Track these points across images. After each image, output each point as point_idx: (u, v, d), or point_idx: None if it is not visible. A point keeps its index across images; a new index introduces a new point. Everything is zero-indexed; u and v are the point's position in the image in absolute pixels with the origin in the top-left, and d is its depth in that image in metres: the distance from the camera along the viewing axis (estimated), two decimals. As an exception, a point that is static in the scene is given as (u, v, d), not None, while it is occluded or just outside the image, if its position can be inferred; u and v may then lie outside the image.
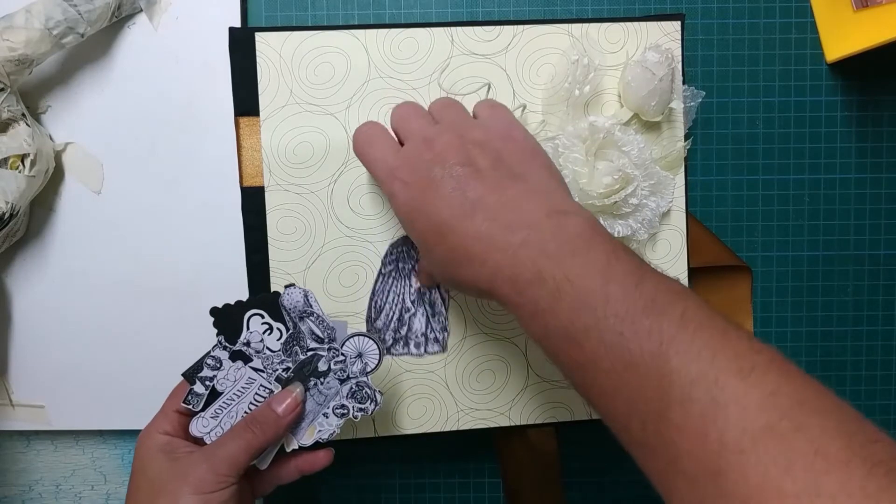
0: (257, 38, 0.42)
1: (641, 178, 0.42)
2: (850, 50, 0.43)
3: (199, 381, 0.37)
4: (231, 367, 0.37)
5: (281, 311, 0.37)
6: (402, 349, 0.42)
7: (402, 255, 0.42)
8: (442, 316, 0.42)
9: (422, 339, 0.43)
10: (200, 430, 0.37)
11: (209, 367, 0.37)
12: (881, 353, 0.47)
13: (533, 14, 0.45)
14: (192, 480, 0.33)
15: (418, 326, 0.42)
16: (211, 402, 0.37)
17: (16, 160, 0.40)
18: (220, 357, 0.37)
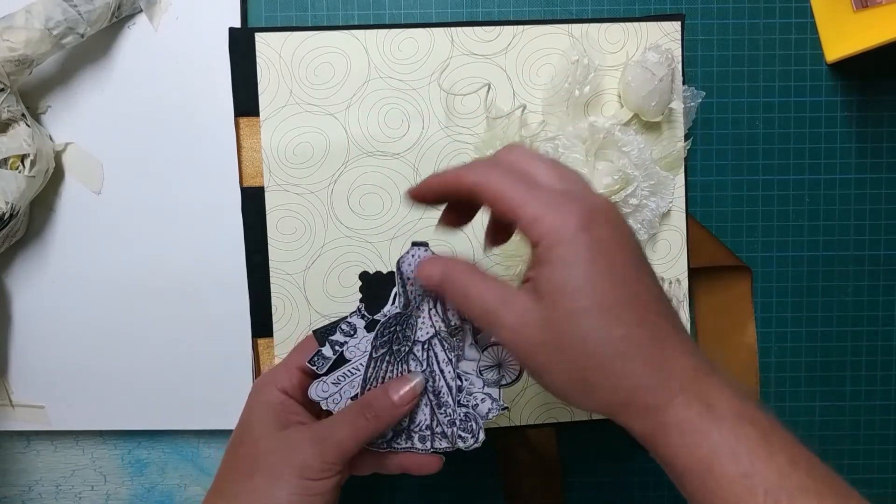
0: (257, 38, 0.42)
1: (641, 178, 0.42)
2: (850, 50, 0.43)
3: (328, 344, 0.35)
4: (364, 337, 0.35)
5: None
6: (406, 443, 0.36)
7: (397, 336, 0.35)
8: (449, 407, 0.35)
9: (427, 432, 0.36)
10: (319, 394, 0.35)
11: (342, 332, 0.35)
12: (881, 353, 0.47)
13: (533, 14, 0.45)
14: (296, 462, 0.31)
15: (422, 419, 0.36)
16: (336, 367, 0.35)
17: (16, 160, 0.40)
18: (355, 324, 0.35)
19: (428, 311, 0.35)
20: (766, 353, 0.47)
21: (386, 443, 0.36)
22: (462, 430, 0.35)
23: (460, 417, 0.35)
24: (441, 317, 0.35)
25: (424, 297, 0.35)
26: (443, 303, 0.35)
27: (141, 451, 0.47)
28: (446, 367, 0.35)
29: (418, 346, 0.35)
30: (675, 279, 0.44)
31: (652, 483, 0.48)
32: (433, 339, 0.35)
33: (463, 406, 0.35)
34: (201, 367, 0.45)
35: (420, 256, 0.35)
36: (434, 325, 0.35)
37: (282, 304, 0.44)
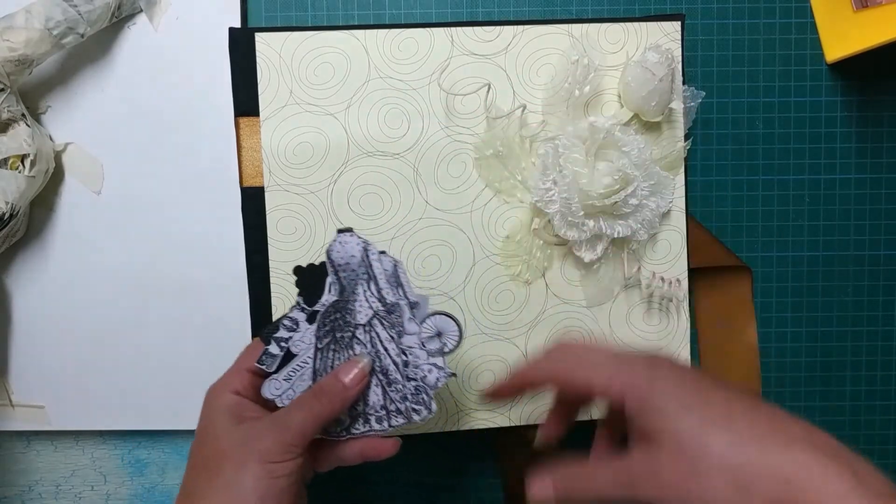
0: (257, 38, 0.42)
1: (641, 178, 0.42)
2: (850, 50, 0.43)
3: (274, 342, 0.36)
4: (307, 330, 0.36)
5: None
6: (364, 427, 0.36)
7: (338, 324, 0.36)
8: (398, 384, 0.36)
9: (382, 412, 0.37)
10: (272, 392, 0.36)
11: (285, 328, 0.36)
12: (881, 354, 0.47)
13: (533, 14, 0.45)
14: (259, 448, 0.32)
15: (375, 400, 0.36)
16: (285, 364, 0.36)
17: (16, 160, 0.40)
18: (297, 318, 0.36)
19: (363, 294, 0.36)
20: (766, 353, 0.47)
21: (345, 430, 0.36)
22: (414, 402, 0.36)
23: (411, 391, 0.36)
24: (377, 297, 0.36)
25: (357, 281, 0.36)
26: (376, 282, 0.36)
27: (141, 451, 0.47)
28: (389, 345, 0.36)
29: (360, 330, 0.36)
30: (675, 279, 0.44)
31: (652, 483, 0.48)
32: (373, 321, 0.36)
33: (412, 380, 0.36)
34: (201, 367, 0.45)
35: (348, 241, 0.35)
36: (371, 307, 0.36)
37: (282, 304, 0.44)
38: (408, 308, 0.36)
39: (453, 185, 0.44)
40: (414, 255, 0.44)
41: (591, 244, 0.43)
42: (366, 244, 0.36)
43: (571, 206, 0.41)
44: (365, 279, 0.36)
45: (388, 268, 0.36)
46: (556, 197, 0.42)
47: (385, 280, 0.36)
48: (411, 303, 0.36)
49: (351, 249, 0.36)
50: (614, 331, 0.45)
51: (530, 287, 0.44)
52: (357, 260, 0.36)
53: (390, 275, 0.36)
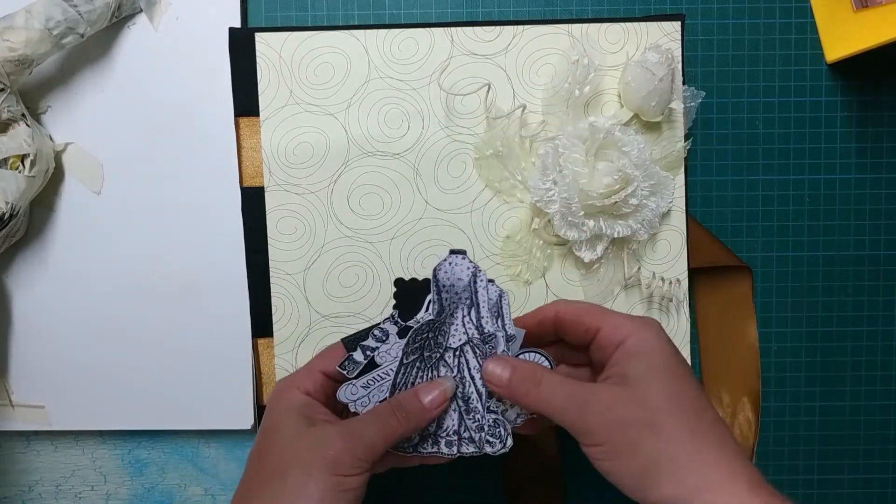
0: (257, 38, 0.42)
1: (641, 178, 0.42)
2: (850, 50, 0.43)
3: (360, 349, 0.35)
4: (396, 344, 0.35)
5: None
6: (432, 448, 0.36)
7: (428, 343, 0.36)
8: (478, 413, 0.36)
9: (454, 437, 0.36)
10: (348, 396, 0.35)
11: (374, 338, 0.36)
12: (881, 353, 0.47)
13: (533, 14, 0.45)
14: (328, 457, 0.31)
15: (450, 424, 0.36)
16: (365, 372, 0.35)
17: (16, 160, 0.40)
18: (388, 330, 0.36)
19: (461, 319, 0.36)
20: (766, 353, 0.47)
21: (412, 447, 0.36)
22: (490, 435, 0.36)
23: (489, 423, 0.36)
24: (475, 324, 0.35)
25: (459, 305, 0.35)
26: (478, 310, 0.35)
27: (141, 451, 0.47)
28: (476, 374, 0.36)
29: (449, 353, 0.36)
30: (675, 279, 0.44)
31: (652, 483, 0.48)
32: (465, 346, 0.36)
33: (492, 412, 0.36)
34: (201, 367, 0.45)
35: (458, 264, 0.35)
36: (467, 332, 0.36)
37: (282, 304, 0.44)
38: (504, 341, 0.36)
39: (453, 185, 0.44)
40: (414, 255, 0.44)
41: (591, 244, 0.43)
42: (476, 270, 0.36)
43: (571, 206, 0.41)
44: (467, 304, 0.36)
45: (493, 297, 0.36)
46: (556, 197, 0.42)
47: (487, 309, 0.36)
48: (508, 336, 0.36)
49: (460, 272, 0.36)
50: (614, 331, 0.45)
51: (530, 287, 0.44)
52: (463, 284, 0.36)
53: (493, 304, 0.36)
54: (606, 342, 0.34)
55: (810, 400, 0.47)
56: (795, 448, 0.47)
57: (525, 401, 0.34)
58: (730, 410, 0.47)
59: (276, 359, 0.44)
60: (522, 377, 0.34)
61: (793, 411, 0.47)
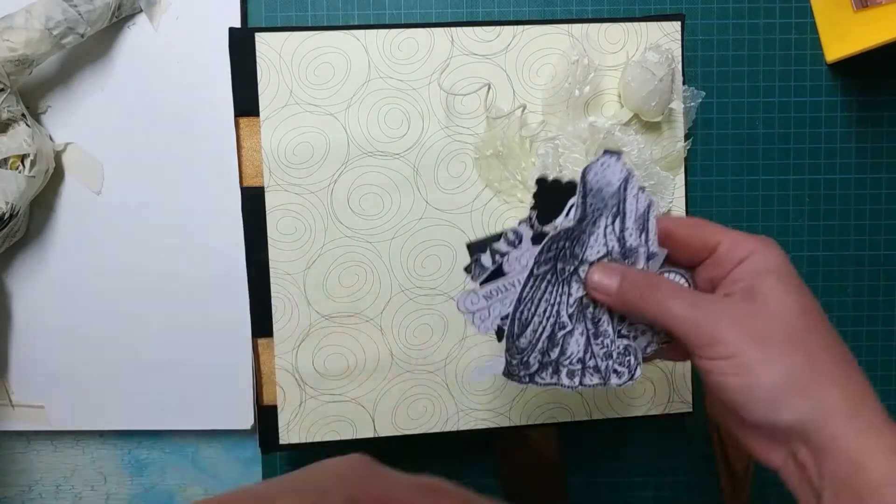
0: (257, 38, 0.42)
1: (641, 178, 0.42)
2: (850, 50, 0.43)
3: (489, 252, 0.31)
4: (528, 250, 0.31)
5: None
6: (552, 378, 0.32)
7: (563, 254, 0.31)
8: (608, 338, 0.32)
9: (577, 366, 0.32)
10: (468, 306, 0.31)
11: (506, 241, 0.31)
12: (881, 354, 0.47)
13: (533, 14, 0.45)
14: None
15: (574, 350, 0.32)
16: (492, 279, 0.31)
17: (16, 160, 0.40)
18: (522, 234, 0.31)
19: (604, 228, 0.32)
20: (766, 353, 0.47)
21: (529, 376, 0.32)
22: (618, 363, 0.32)
23: (618, 350, 0.32)
24: (617, 235, 0.32)
25: (604, 212, 0.32)
26: (623, 220, 0.32)
27: (141, 451, 0.47)
28: None
29: (585, 267, 0.32)
30: (675, 279, 0.44)
31: (652, 483, 0.48)
32: (603, 260, 0.32)
33: (623, 337, 0.33)
34: (201, 367, 0.45)
35: (611, 166, 0.31)
36: (607, 245, 0.32)
37: (282, 304, 0.44)
38: (645, 258, 0.32)
39: (453, 185, 0.44)
40: (414, 255, 0.44)
41: (591, 244, 0.43)
42: (629, 174, 0.31)
43: (571, 206, 0.41)
44: (613, 213, 0.32)
45: (642, 208, 0.32)
46: (556, 197, 0.42)
47: (633, 220, 0.32)
48: (650, 253, 0.32)
49: (611, 175, 0.31)
50: (614, 331, 0.45)
51: (530, 287, 0.44)
52: (613, 189, 0.31)
53: (640, 215, 0.32)
54: (727, 258, 0.32)
55: (810, 400, 0.47)
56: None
57: (641, 307, 0.31)
58: (730, 410, 0.47)
59: (276, 359, 0.44)
60: (635, 283, 0.31)
61: (793, 411, 0.47)
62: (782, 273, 0.31)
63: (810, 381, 0.29)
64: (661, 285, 0.31)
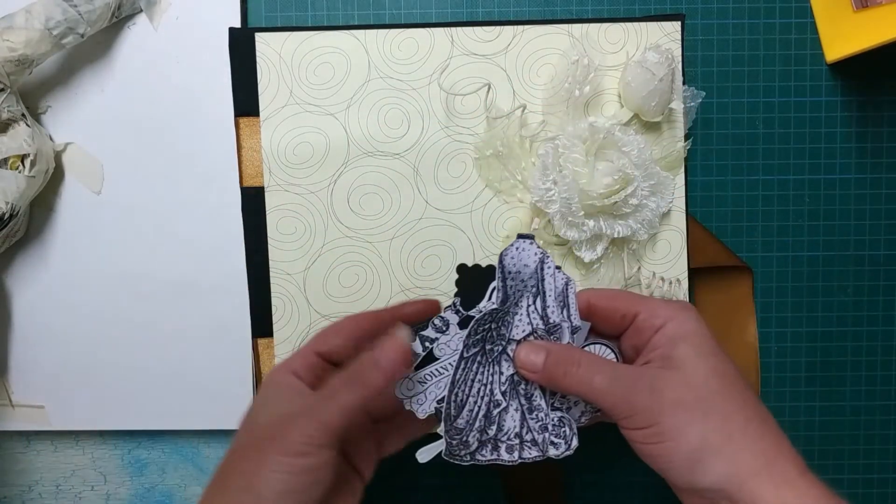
0: (257, 38, 0.42)
1: (641, 178, 0.42)
2: (850, 50, 0.43)
3: (419, 340, 0.33)
4: (457, 335, 0.33)
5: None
6: (492, 454, 0.33)
7: (491, 335, 0.33)
8: (542, 411, 0.33)
9: (515, 441, 0.33)
10: (404, 392, 0.33)
11: (434, 328, 0.33)
12: (881, 354, 0.47)
13: (533, 14, 0.45)
14: (280, 439, 0.29)
15: (511, 426, 0.33)
16: (424, 365, 0.33)
17: (16, 160, 0.40)
18: (449, 320, 0.33)
19: (526, 308, 0.33)
20: (766, 353, 0.47)
21: (469, 454, 0.33)
22: (554, 435, 0.34)
23: (553, 422, 0.34)
24: (540, 314, 0.33)
25: (524, 293, 0.33)
26: (544, 298, 0.33)
27: (141, 451, 0.47)
28: None
29: (513, 345, 0.33)
30: (675, 279, 0.44)
31: (652, 483, 0.48)
32: (529, 338, 0.33)
33: (557, 409, 0.34)
34: (201, 368, 0.45)
35: (526, 249, 0.33)
36: (531, 323, 0.33)
37: (282, 304, 0.44)
38: (569, 332, 0.33)
39: (453, 185, 0.44)
40: (414, 255, 0.44)
41: (591, 244, 0.43)
42: (544, 255, 0.33)
43: (571, 206, 0.41)
44: (532, 293, 0.33)
45: (560, 286, 0.33)
46: (556, 197, 0.42)
47: (553, 297, 0.33)
48: (574, 327, 0.33)
49: (527, 258, 0.33)
50: (614, 331, 0.45)
51: (530, 287, 0.44)
52: (530, 270, 0.33)
53: (559, 293, 0.33)
54: (645, 326, 0.33)
55: (810, 400, 0.47)
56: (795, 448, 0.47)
57: (564, 383, 0.32)
58: (730, 410, 0.47)
59: (276, 359, 0.44)
60: (558, 360, 0.32)
61: (793, 411, 0.47)
62: (696, 338, 0.33)
63: (724, 442, 0.30)
64: (583, 361, 0.32)
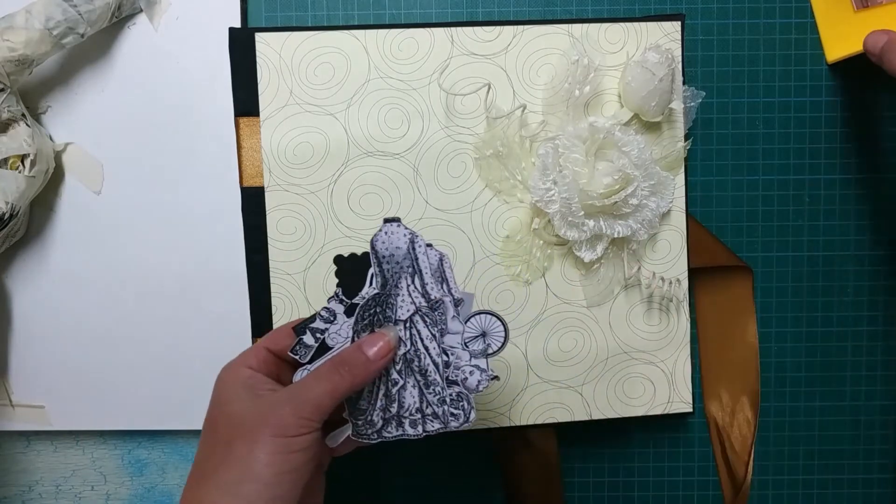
0: (257, 38, 0.42)
1: (641, 178, 0.42)
2: (850, 50, 0.43)
3: (309, 333, 0.34)
4: (345, 323, 0.34)
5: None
6: (397, 430, 0.35)
7: (377, 318, 0.34)
8: (438, 385, 0.34)
9: (417, 415, 0.35)
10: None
11: (322, 319, 0.34)
12: (881, 354, 0.47)
13: (533, 14, 0.45)
14: (273, 422, 0.30)
15: (411, 402, 0.35)
16: (319, 356, 0.34)
17: (16, 160, 0.40)
18: (335, 310, 0.34)
19: (406, 288, 0.34)
20: (766, 353, 0.47)
21: (376, 432, 0.35)
22: (453, 408, 0.35)
23: (451, 396, 0.35)
24: (420, 292, 0.34)
25: (402, 274, 0.34)
26: (421, 276, 0.34)
27: (141, 451, 0.47)
28: (430, 344, 0.35)
29: (400, 326, 0.34)
30: (675, 279, 0.44)
31: (652, 483, 0.48)
32: (414, 317, 0.34)
33: (453, 383, 0.35)
34: (201, 367, 0.45)
35: (394, 232, 0.34)
36: (414, 302, 0.34)
37: (282, 304, 0.44)
38: (452, 305, 0.34)
39: (453, 185, 0.44)
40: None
41: (591, 244, 0.43)
42: (413, 235, 0.34)
43: (571, 206, 0.41)
44: (409, 272, 0.34)
45: (434, 262, 0.34)
46: (556, 197, 0.42)
47: (430, 274, 0.34)
48: (455, 300, 0.34)
49: (397, 240, 0.34)
50: (614, 331, 0.45)
51: (530, 287, 0.44)
52: (402, 252, 0.34)
53: (435, 269, 0.34)
54: None
55: (810, 400, 0.47)
56: (795, 448, 0.48)
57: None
58: (729, 410, 0.47)
59: (276, 359, 0.44)
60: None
61: (793, 411, 0.47)
62: None
63: None
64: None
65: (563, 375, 0.45)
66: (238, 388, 0.33)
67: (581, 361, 0.45)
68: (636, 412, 0.45)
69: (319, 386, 0.32)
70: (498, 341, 0.35)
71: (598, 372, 0.45)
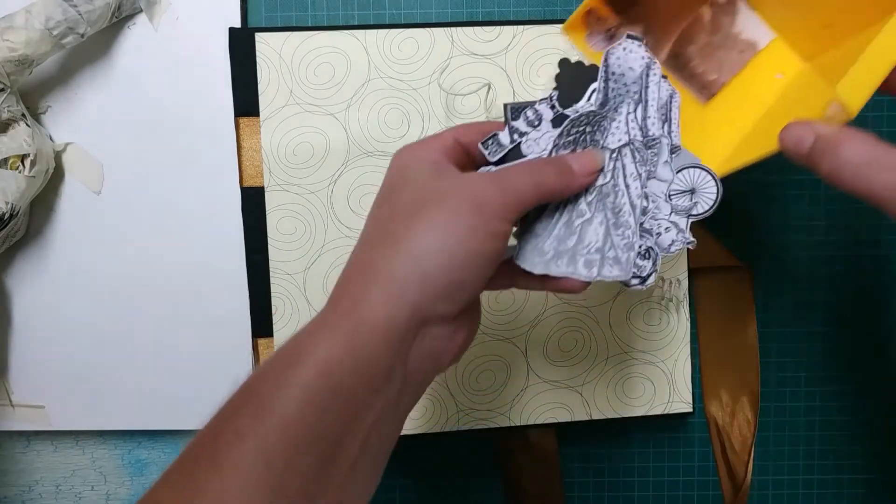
0: (257, 38, 0.42)
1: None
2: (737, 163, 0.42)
3: (508, 130, 0.30)
4: (547, 133, 0.30)
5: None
6: (568, 267, 0.30)
7: (584, 139, 0.30)
8: (629, 228, 0.30)
9: (596, 256, 0.30)
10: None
11: (526, 121, 0.30)
12: (881, 353, 0.47)
13: (533, 14, 0.45)
14: (476, 198, 0.26)
15: (593, 239, 0.30)
16: (507, 160, 0.30)
17: (16, 160, 0.40)
18: (542, 114, 0.30)
19: (626, 115, 0.31)
20: (766, 353, 0.47)
21: (544, 263, 0.30)
22: (639, 259, 0.31)
23: (641, 249, 0.31)
24: (639, 123, 0.31)
25: (625, 99, 0.31)
26: (646, 107, 0.31)
27: (141, 451, 0.47)
28: (633, 183, 0.31)
29: (605, 154, 0.31)
30: (675, 279, 0.44)
31: (652, 483, 0.48)
32: (624, 149, 0.31)
33: (645, 232, 0.31)
34: (202, 367, 0.45)
35: (633, 51, 0.30)
36: (629, 132, 0.31)
37: (282, 304, 0.44)
38: (668, 149, 0.31)
39: (453, 185, 0.44)
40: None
41: (592, 244, 0.43)
42: (651, 61, 0.30)
43: (571, 205, 0.41)
44: (634, 99, 0.31)
45: (664, 96, 0.31)
46: (556, 197, 0.42)
47: (656, 108, 0.31)
48: (674, 145, 0.31)
49: (633, 61, 0.30)
50: (614, 331, 0.45)
51: (530, 287, 0.44)
52: (635, 75, 0.31)
53: (662, 104, 0.31)
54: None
55: (810, 400, 0.47)
56: (795, 448, 0.47)
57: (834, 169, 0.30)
58: (729, 410, 0.47)
59: (276, 359, 0.44)
60: (825, 137, 0.30)
61: (793, 411, 0.47)
62: None
63: None
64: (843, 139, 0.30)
65: (563, 375, 0.45)
66: (425, 164, 0.29)
67: (581, 361, 0.45)
68: (636, 412, 0.45)
69: (525, 176, 0.28)
70: (707, 202, 0.31)
71: (598, 372, 0.45)
